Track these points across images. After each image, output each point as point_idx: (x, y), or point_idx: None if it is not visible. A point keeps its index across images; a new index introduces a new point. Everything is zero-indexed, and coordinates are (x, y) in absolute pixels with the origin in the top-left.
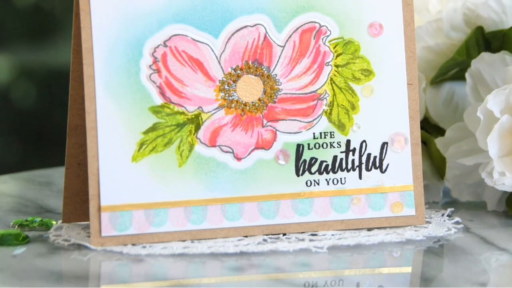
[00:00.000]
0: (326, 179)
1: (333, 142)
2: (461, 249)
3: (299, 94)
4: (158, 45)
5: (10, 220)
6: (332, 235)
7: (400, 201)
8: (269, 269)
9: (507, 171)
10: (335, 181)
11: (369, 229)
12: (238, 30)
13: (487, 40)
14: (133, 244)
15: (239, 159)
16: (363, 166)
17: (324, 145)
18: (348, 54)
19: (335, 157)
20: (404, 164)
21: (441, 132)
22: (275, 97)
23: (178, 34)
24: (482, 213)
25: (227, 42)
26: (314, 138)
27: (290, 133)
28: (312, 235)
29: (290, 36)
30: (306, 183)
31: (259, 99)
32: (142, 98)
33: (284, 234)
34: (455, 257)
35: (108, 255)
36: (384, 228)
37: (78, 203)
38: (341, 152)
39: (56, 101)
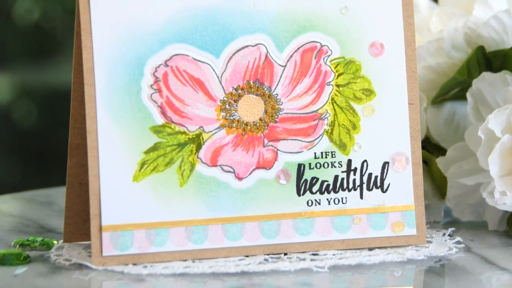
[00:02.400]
0: (327, 199)
1: (334, 162)
2: (462, 269)
3: (300, 113)
4: (159, 65)
5: (11, 240)
6: (333, 254)
7: (401, 220)
8: None
9: (508, 191)
10: (336, 201)
11: (370, 249)
12: (239, 49)
13: (488, 59)
14: (134, 264)
15: (240, 178)
16: (364, 185)
17: (325, 165)
18: (349, 74)
19: (336, 177)
20: (405, 184)
21: (442, 151)
22: (276, 116)
23: (179, 54)
24: (483, 233)
25: (228, 61)
26: (315, 157)
27: (291, 153)
28: (313, 254)
29: (291, 56)
30: (307, 202)
31: (260, 119)
32: (143, 118)
33: (285, 254)
34: (456, 277)
35: (109, 275)
36: (385, 247)
37: (79, 223)
38: (342, 171)
39: (57, 120)
